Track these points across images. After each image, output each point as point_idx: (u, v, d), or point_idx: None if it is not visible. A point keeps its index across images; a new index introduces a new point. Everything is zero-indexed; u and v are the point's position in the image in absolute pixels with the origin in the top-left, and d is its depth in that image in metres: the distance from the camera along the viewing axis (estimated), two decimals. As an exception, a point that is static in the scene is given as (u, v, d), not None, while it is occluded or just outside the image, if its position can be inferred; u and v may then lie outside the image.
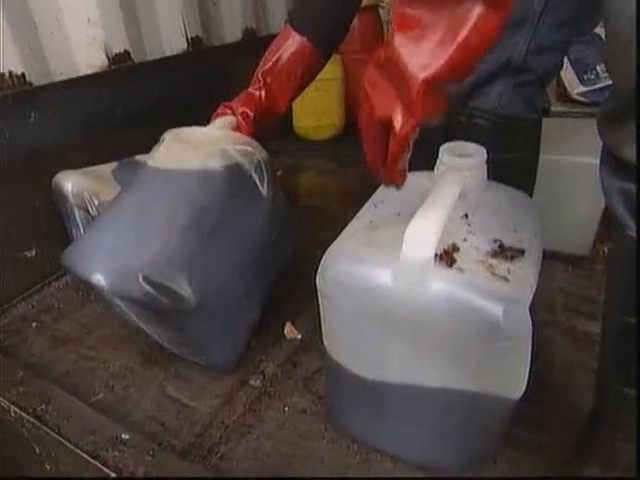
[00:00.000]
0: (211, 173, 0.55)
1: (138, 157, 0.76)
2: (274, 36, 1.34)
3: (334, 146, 1.38)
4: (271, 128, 0.68)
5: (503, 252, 0.41)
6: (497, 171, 0.47)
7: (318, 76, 1.31)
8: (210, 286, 0.53)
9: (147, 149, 0.83)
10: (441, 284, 0.37)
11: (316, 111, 1.35)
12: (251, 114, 0.63)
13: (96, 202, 0.64)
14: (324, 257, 0.42)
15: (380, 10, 1.43)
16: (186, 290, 0.50)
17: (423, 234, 0.37)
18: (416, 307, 0.38)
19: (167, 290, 0.48)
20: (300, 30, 0.64)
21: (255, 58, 1.31)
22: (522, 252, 0.41)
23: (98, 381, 0.63)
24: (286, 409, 0.58)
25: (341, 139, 1.41)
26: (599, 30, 0.99)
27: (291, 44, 0.64)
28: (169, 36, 0.99)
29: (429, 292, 0.37)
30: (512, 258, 0.41)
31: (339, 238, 0.44)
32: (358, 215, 0.47)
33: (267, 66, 0.64)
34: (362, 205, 0.49)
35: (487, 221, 0.44)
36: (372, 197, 0.51)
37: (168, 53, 1.00)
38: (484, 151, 0.46)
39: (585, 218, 0.78)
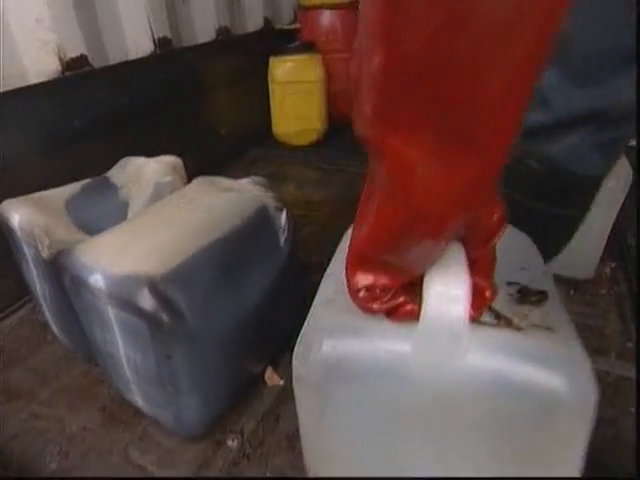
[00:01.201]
0: (241, 213, 0.53)
1: (95, 180, 0.66)
2: (251, 34, 1.26)
3: (316, 152, 1.30)
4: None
5: (526, 296, 0.34)
6: (534, 221, 0.40)
7: (299, 79, 1.23)
8: (214, 316, 0.49)
9: (111, 163, 0.74)
10: (480, 351, 0.28)
11: (298, 116, 1.27)
12: None
13: (47, 241, 0.55)
14: (303, 332, 0.32)
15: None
16: (188, 310, 0.45)
17: (452, 285, 0.28)
18: (448, 387, 0.29)
19: (170, 306, 0.43)
20: None
21: (230, 58, 1.21)
22: (544, 294, 0.35)
23: (51, 445, 0.55)
24: (268, 474, 0.51)
25: (323, 144, 1.34)
26: None
27: None
28: (133, 38, 0.90)
29: (464, 364, 0.28)
30: (538, 302, 0.34)
31: (316, 301, 0.35)
32: (329, 270, 0.38)
33: None
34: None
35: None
36: (342, 241, 0.41)
37: (132, 56, 0.90)
38: None
39: (591, 240, 0.72)
